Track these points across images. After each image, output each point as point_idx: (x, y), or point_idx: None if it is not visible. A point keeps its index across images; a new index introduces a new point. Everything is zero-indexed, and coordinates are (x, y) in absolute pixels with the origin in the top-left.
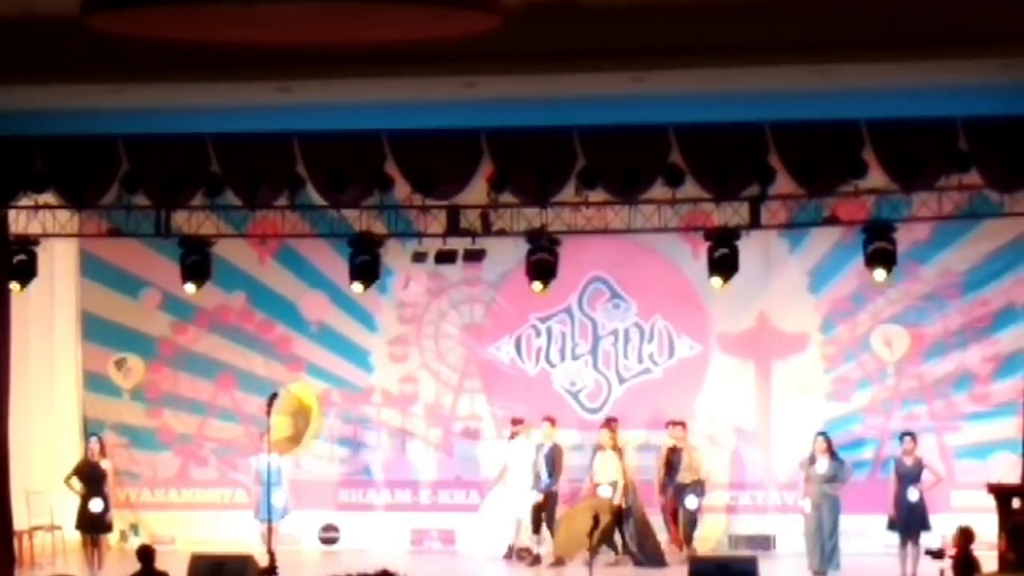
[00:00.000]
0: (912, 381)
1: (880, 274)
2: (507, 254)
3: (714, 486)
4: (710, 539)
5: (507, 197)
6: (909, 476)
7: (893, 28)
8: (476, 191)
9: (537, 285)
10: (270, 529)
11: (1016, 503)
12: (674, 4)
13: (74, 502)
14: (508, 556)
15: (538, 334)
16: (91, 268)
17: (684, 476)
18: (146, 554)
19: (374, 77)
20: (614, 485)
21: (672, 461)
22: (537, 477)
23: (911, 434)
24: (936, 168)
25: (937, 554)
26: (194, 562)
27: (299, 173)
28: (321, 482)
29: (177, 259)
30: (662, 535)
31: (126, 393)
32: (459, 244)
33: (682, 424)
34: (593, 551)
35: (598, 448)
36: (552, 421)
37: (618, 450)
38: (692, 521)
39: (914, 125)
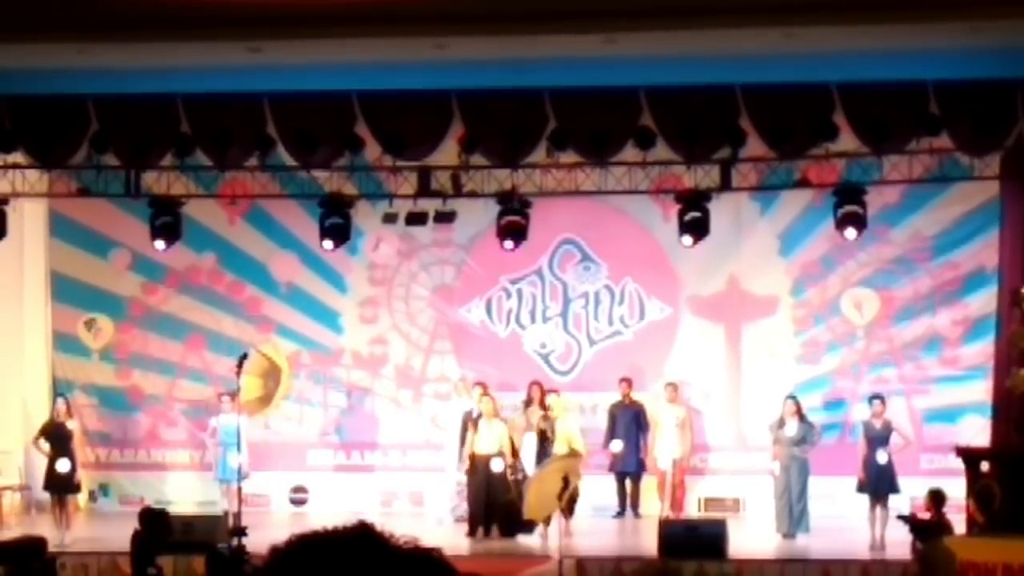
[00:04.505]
0: (881, 344)
1: (851, 233)
2: (478, 216)
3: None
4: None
5: (478, 159)
6: (878, 439)
7: None
8: (447, 153)
9: (509, 243)
10: (239, 490)
11: (985, 466)
12: None
13: (43, 463)
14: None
15: (508, 296)
16: (60, 228)
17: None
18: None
19: (345, 38)
20: (502, 455)
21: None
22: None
23: (880, 397)
24: (907, 131)
25: (908, 519)
26: None
27: (269, 134)
28: (290, 443)
29: (147, 219)
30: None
31: (95, 353)
32: (430, 206)
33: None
34: (570, 509)
35: (479, 416)
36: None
37: (502, 417)
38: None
39: (885, 88)
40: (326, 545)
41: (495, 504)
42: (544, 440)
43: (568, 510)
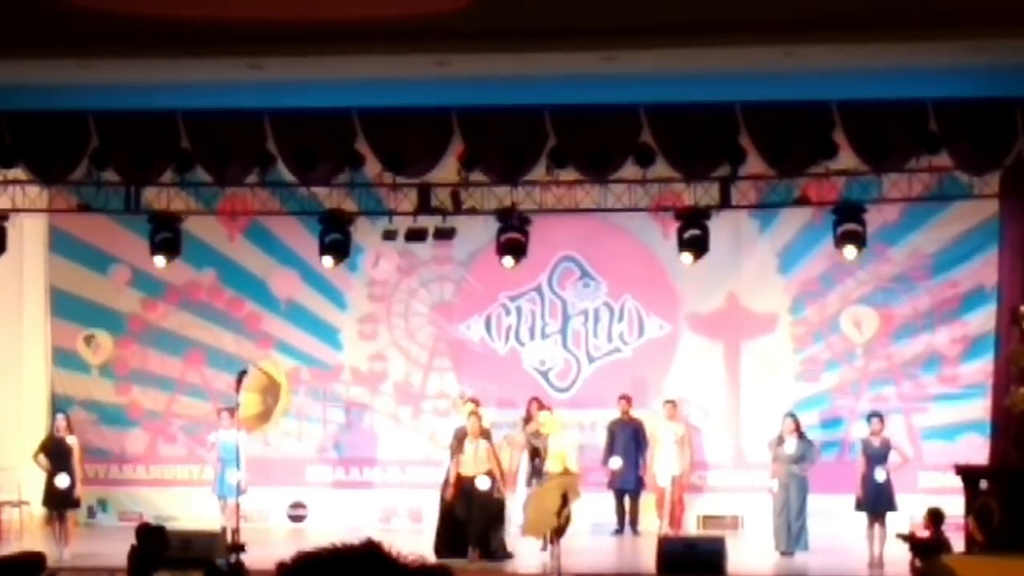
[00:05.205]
0: (881, 362)
1: (850, 251)
2: (477, 233)
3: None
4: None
5: (478, 176)
6: (876, 456)
7: (864, 9)
8: (447, 169)
9: (508, 260)
10: (237, 506)
11: (984, 484)
12: None
13: (42, 478)
14: None
15: (508, 313)
16: (60, 244)
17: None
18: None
19: (345, 55)
20: (491, 475)
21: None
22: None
23: (878, 415)
24: (906, 150)
25: (908, 538)
26: None
27: (269, 150)
28: (290, 459)
29: (147, 235)
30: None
31: (95, 369)
32: (429, 222)
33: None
34: (561, 530)
35: (466, 435)
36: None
37: (487, 435)
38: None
39: (884, 106)
40: (333, 562)
41: (471, 525)
42: (535, 457)
43: (559, 531)
